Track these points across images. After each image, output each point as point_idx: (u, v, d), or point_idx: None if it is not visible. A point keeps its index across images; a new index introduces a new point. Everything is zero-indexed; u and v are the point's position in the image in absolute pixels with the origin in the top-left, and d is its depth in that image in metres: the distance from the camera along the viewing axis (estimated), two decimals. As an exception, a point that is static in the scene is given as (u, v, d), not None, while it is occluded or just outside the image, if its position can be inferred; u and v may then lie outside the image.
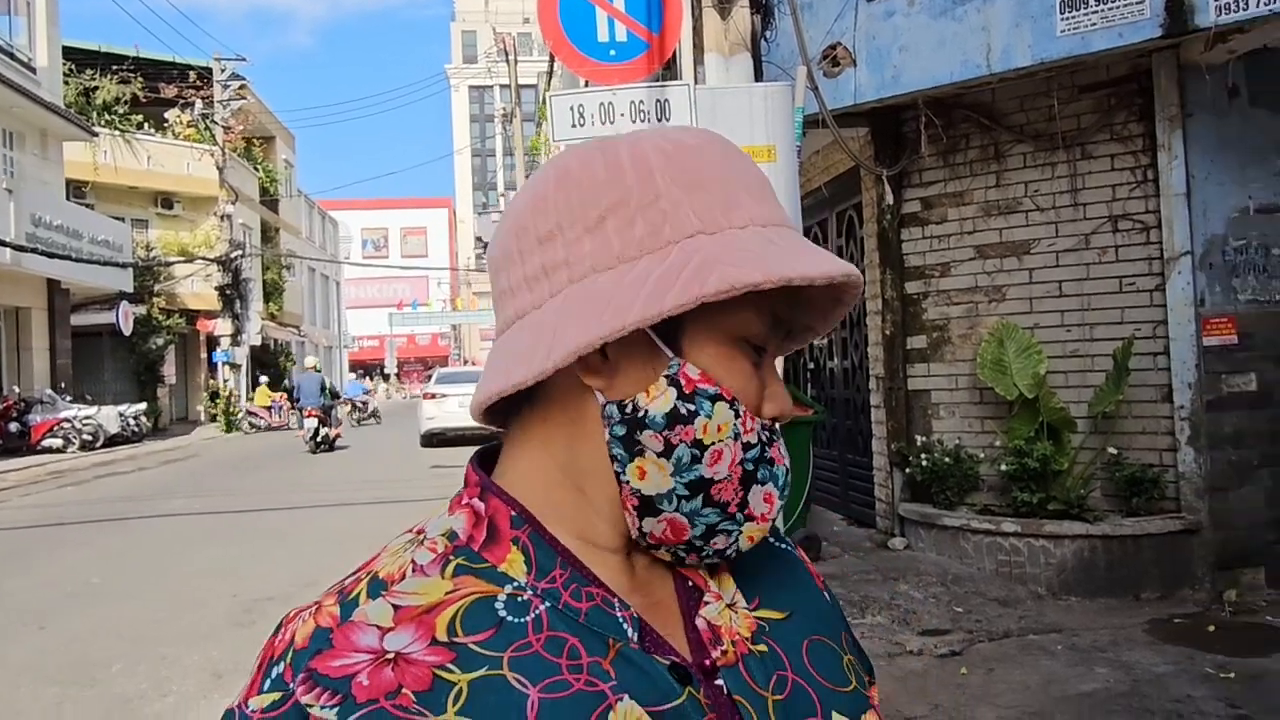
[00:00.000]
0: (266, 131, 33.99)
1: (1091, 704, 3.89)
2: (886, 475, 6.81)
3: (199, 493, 12.15)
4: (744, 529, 0.63)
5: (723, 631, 0.66)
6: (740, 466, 0.62)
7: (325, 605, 0.60)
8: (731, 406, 0.62)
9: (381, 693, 0.56)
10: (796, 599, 0.73)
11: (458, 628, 0.59)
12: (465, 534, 0.64)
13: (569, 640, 0.60)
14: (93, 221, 20.94)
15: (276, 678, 0.57)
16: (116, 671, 4.94)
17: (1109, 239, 5.82)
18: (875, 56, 5.95)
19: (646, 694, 0.59)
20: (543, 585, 0.62)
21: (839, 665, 0.71)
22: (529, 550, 0.63)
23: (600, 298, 0.60)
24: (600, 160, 0.64)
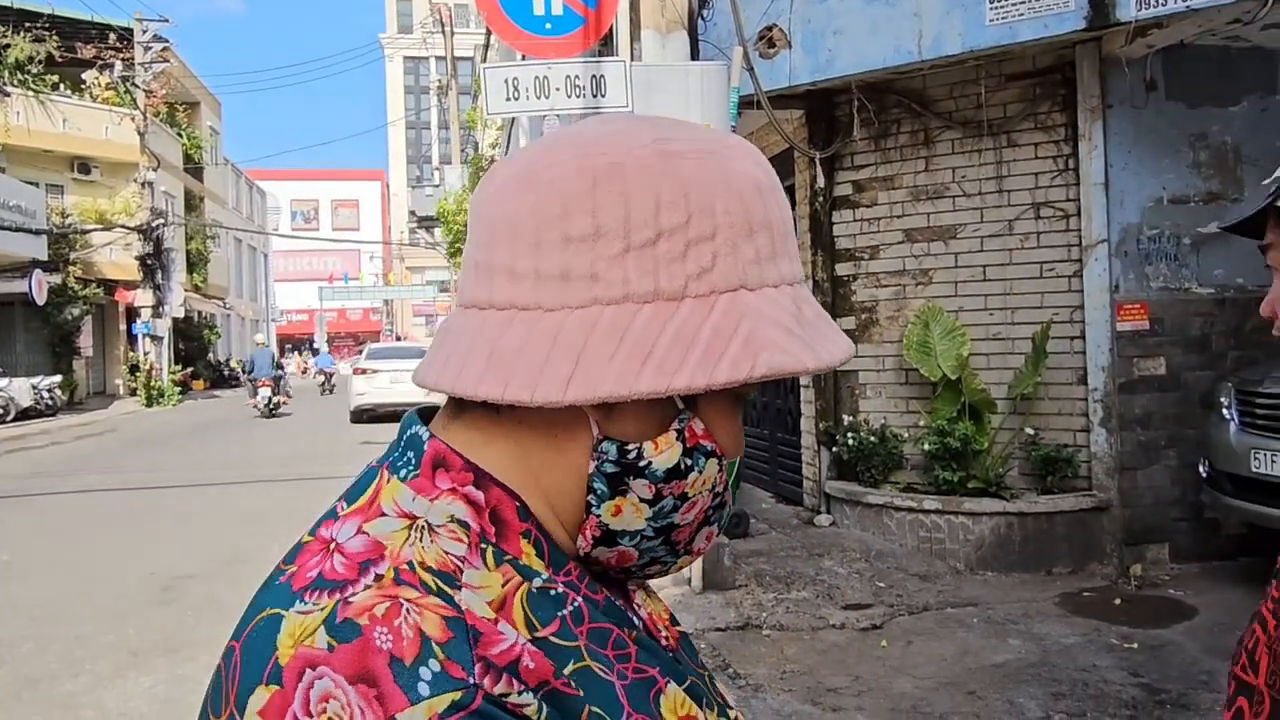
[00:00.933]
0: (191, 97, 32.87)
1: (1004, 674, 4.04)
2: (814, 454, 6.93)
3: (115, 469, 11.79)
4: (679, 561, 0.65)
5: (655, 618, 0.68)
6: (704, 514, 0.63)
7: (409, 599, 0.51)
8: (720, 463, 0.62)
9: (548, 673, 0.52)
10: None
11: (534, 621, 0.55)
12: (476, 524, 0.57)
13: (612, 630, 0.60)
14: (4, 186, 20.07)
15: (435, 678, 0.48)
16: (26, 651, 4.79)
17: (1031, 225, 5.99)
18: (810, 39, 6.00)
19: (673, 677, 0.62)
20: (561, 579, 0.59)
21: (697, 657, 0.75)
22: (541, 544, 0.59)
23: (638, 340, 0.54)
24: (661, 171, 0.56)
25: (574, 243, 0.55)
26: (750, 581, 5.33)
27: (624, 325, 0.54)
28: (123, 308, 26.48)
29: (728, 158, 0.59)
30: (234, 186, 40.01)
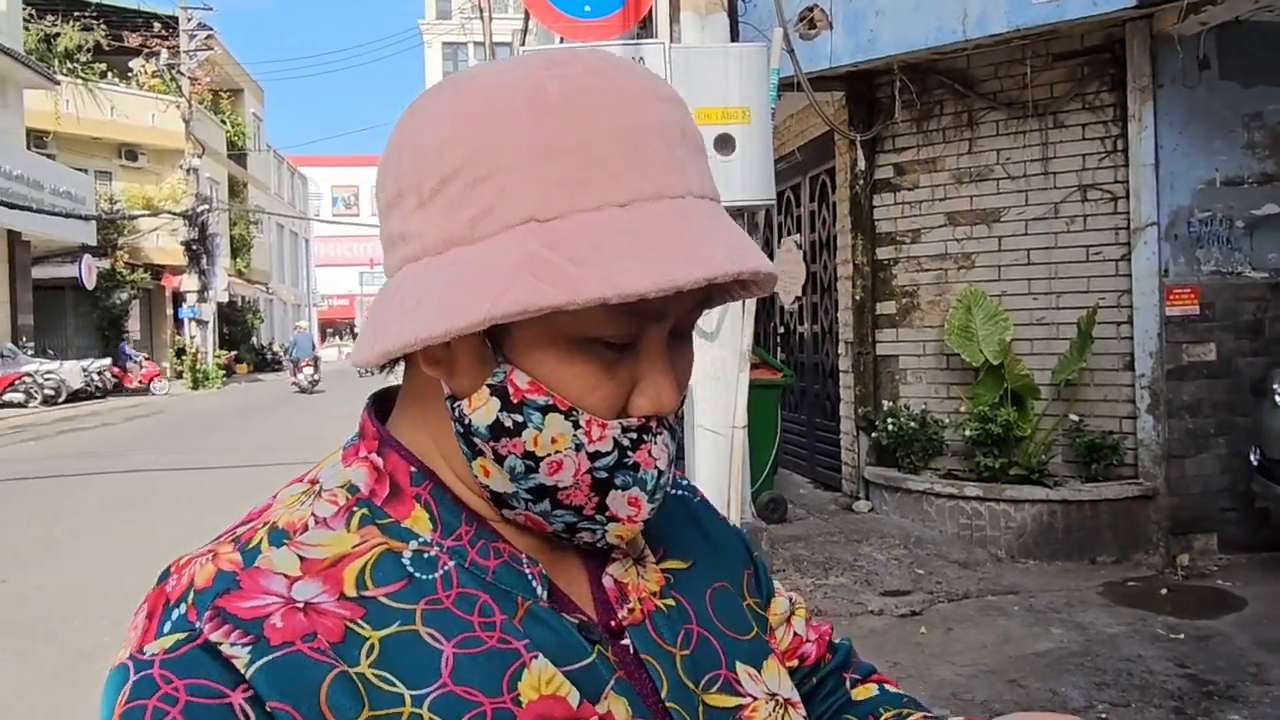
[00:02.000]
0: (234, 84, 33.30)
1: (1046, 663, 3.99)
2: (853, 439, 6.88)
3: (162, 449, 12.04)
4: (609, 529, 0.59)
5: (629, 589, 0.64)
6: (589, 475, 0.57)
7: (222, 552, 0.56)
8: (568, 417, 0.56)
9: (297, 635, 0.52)
10: (699, 545, 0.72)
11: (367, 580, 0.56)
12: (366, 488, 0.60)
13: (480, 597, 0.58)
14: (54, 172, 20.49)
15: (178, 619, 0.52)
16: (78, 625, 4.92)
17: (1077, 208, 5.87)
18: (852, 20, 5.92)
19: (558, 653, 0.58)
20: (449, 543, 0.59)
21: (740, 612, 0.70)
22: (431, 507, 0.60)
23: (423, 291, 0.54)
24: (444, 115, 0.55)
25: (390, 208, 0.58)
26: (788, 567, 5.31)
27: (420, 279, 0.55)
28: (169, 292, 26.98)
29: (520, 81, 0.54)
30: (276, 172, 40.51)
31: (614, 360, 0.57)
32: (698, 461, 5.24)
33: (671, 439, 0.60)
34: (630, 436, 0.58)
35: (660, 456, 0.59)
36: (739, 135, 4.96)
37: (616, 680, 0.59)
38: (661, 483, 0.59)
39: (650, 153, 0.54)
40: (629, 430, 0.57)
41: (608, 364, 0.57)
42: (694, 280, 0.50)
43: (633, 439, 0.58)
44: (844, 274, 6.95)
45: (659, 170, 0.54)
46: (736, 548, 0.77)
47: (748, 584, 0.74)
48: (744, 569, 0.75)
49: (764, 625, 0.72)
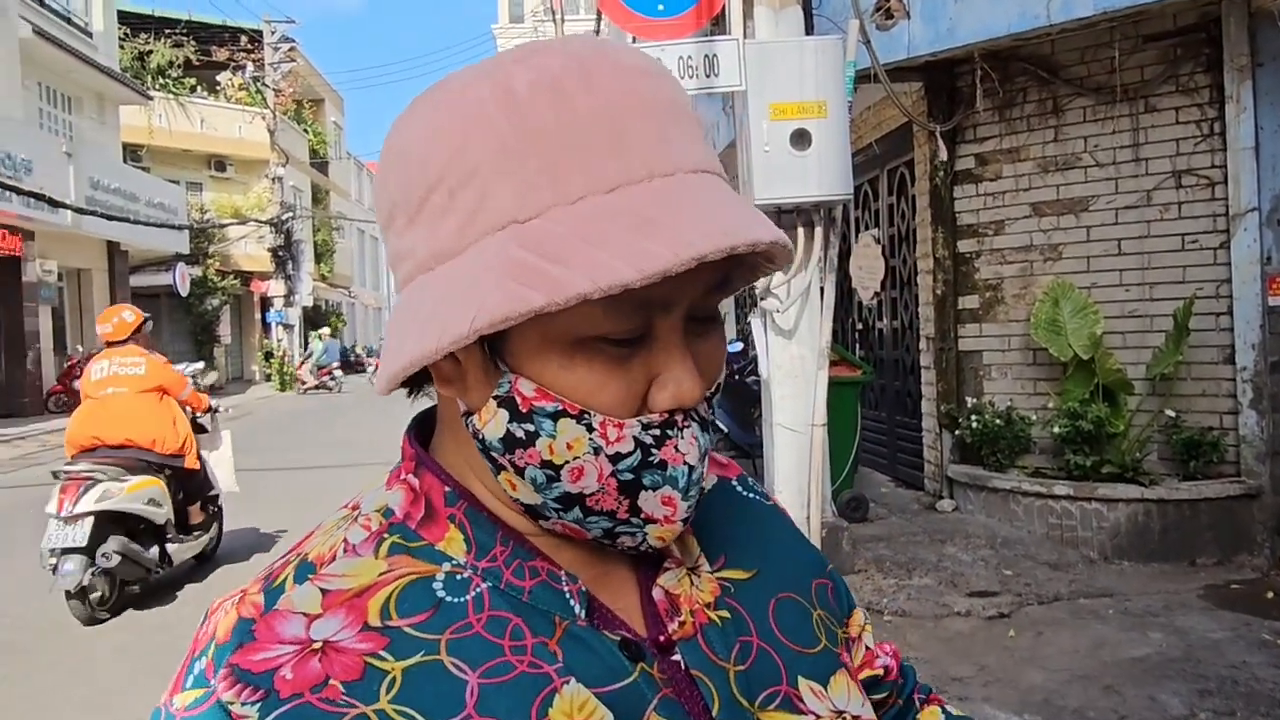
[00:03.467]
0: (316, 94, 34.26)
1: (1144, 668, 3.84)
2: (935, 437, 6.74)
3: (254, 450, 12.45)
4: (647, 531, 0.56)
5: (681, 601, 0.61)
6: (614, 478, 0.55)
7: (249, 594, 0.56)
8: (580, 421, 0.53)
9: (307, 686, 0.52)
10: (765, 553, 0.69)
11: (392, 611, 0.55)
12: (402, 511, 0.60)
13: (512, 620, 0.56)
14: (149, 184, 21.34)
15: (199, 674, 0.53)
16: (180, 618, 5.11)
17: (1171, 195, 5.64)
18: (930, 8, 5.79)
19: (595, 674, 0.55)
20: (483, 564, 0.58)
21: (807, 624, 0.66)
22: (466, 528, 0.59)
23: (419, 308, 0.53)
24: (422, 121, 0.54)
25: (386, 229, 0.57)
26: (870, 567, 5.23)
27: (419, 296, 0.54)
28: (257, 297, 27.91)
29: (489, 79, 0.53)
30: (356, 179, 41.54)
31: (623, 356, 0.54)
32: (777, 460, 5.19)
33: (703, 431, 0.57)
34: (653, 434, 0.55)
35: (689, 451, 0.56)
36: (815, 130, 4.90)
37: (661, 700, 0.57)
38: (694, 479, 0.56)
39: (634, 132, 0.51)
40: (650, 428, 0.54)
41: (616, 360, 0.54)
42: (682, 263, 0.47)
43: (656, 436, 0.55)
44: (924, 268, 6.81)
45: (644, 149, 0.51)
46: (808, 557, 0.73)
47: (818, 595, 0.70)
48: (814, 579, 0.71)
49: (835, 639, 0.69)
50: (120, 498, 5.08)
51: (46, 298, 18.10)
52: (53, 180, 15.92)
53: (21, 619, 5.18)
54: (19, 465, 11.60)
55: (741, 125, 5.22)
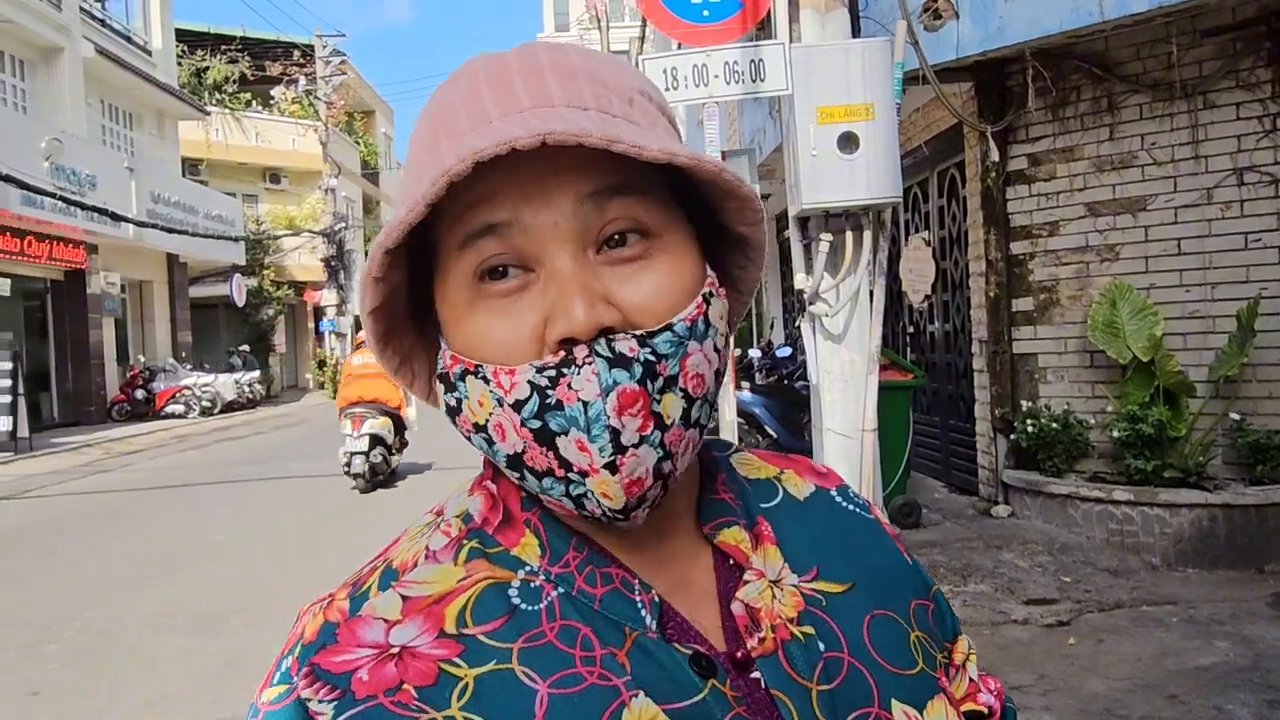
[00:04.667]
0: (366, 106, 34.83)
1: (1210, 678, 3.74)
2: (990, 441, 6.63)
3: (309, 456, 12.68)
4: (587, 485, 0.54)
5: (761, 615, 0.59)
6: (526, 430, 0.54)
7: (337, 599, 0.59)
8: (477, 374, 0.55)
9: (381, 689, 0.54)
10: (862, 568, 0.65)
11: (468, 618, 0.56)
12: (480, 516, 0.61)
13: (582, 630, 0.56)
14: (207, 197, 21.88)
15: (285, 671, 0.56)
16: (239, 624, 5.22)
17: (1233, 193, 5.50)
18: (979, 7, 5.72)
19: (663, 690, 0.54)
20: (556, 570, 0.58)
21: (904, 644, 0.63)
22: (540, 532, 0.59)
23: None
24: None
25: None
26: (924, 573, 5.16)
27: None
28: (310, 307, 28.42)
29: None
30: (406, 189, 42.07)
31: (510, 299, 0.54)
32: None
33: (612, 368, 0.52)
34: (548, 375, 0.53)
35: (584, 387, 0.52)
36: (863, 132, 4.86)
37: (733, 718, 0.55)
38: (593, 416, 0.52)
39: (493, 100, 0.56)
40: (545, 369, 0.53)
41: (503, 307, 0.54)
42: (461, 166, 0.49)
43: (551, 376, 0.53)
44: (976, 270, 6.72)
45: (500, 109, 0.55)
46: (910, 575, 0.69)
47: (917, 615, 0.66)
48: (915, 599, 0.67)
49: (933, 663, 0.65)
50: (377, 426, 9.23)
51: (110, 309, 18.64)
52: (115, 195, 16.41)
53: (92, 623, 5.33)
54: (84, 473, 11.96)
55: (788, 129, 5.20)
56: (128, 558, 6.98)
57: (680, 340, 0.55)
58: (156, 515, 8.79)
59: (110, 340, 18.84)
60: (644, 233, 0.56)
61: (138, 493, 10.18)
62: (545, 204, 0.54)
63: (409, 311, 0.62)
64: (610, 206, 0.55)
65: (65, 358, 17.87)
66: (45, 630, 5.19)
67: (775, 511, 0.66)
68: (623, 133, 0.52)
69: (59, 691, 4.32)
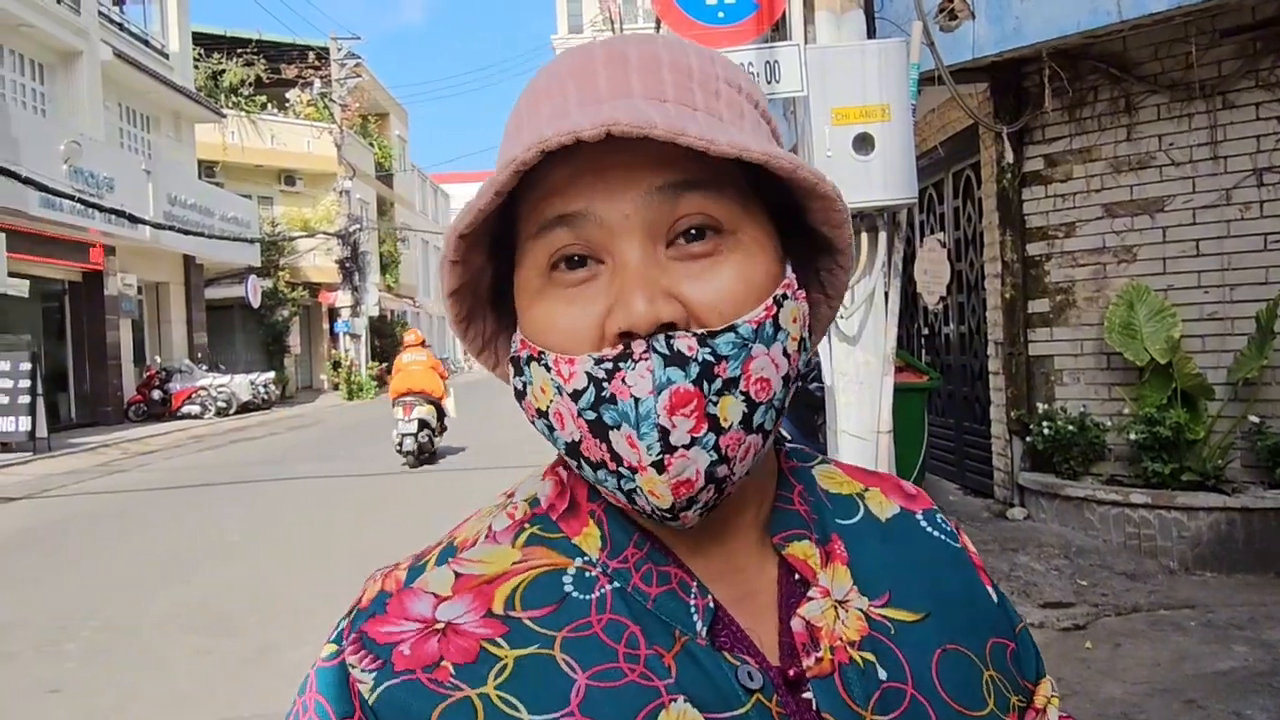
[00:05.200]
0: (381, 108, 34.97)
1: (1229, 682, 3.71)
2: (1005, 444, 6.60)
3: (323, 457, 12.72)
4: (637, 482, 0.53)
5: (822, 635, 0.57)
6: (582, 420, 0.54)
7: (399, 568, 0.60)
8: (540, 361, 0.55)
9: (420, 664, 0.55)
10: (940, 598, 0.62)
11: (516, 601, 0.56)
12: (547, 502, 0.61)
13: (630, 627, 0.55)
14: (223, 199, 22.00)
15: (339, 633, 0.58)
16: (254, 623, 5.24)
17: (1252, 194, 5.46)
18: (995, 7, 5.69)
19: (706, 699, 0.53)
20: (614, 564, 0.57)
21: (975, 682, 0.60)
22: (603, 524, 0.59)
23: None
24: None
25: None
26: (939, 576, 5.14)
27: None
28: (325, 308, 28.54)
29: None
30: (420, 191, 42.27)
31: (578, 288, 0.54)
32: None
33: (667, 365, 0.52)
34: (605, 367, 0.52)
35: (636, 383, 0.52)
36: (879, 134, 4.84)
37: None
38: (643, 413, 0.52)
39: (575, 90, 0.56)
40: (603, 361, 0.52)
41: (571, 296, 0.55)
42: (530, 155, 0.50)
43: (608, 369, 0.52)
44: (992, 272, 6.69)
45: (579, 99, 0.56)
46: (991, 612, 0.65)
47: (994, 654, 0.63)
48: (993, 637, 0.64)
49: (1006, 705, 0.61)
50: (423, 412, 11.00)
51: (127, 310, 18.77)
52: (133, 197, 16.53)
53: (109, 621, 5.36)
54: (102, 472, 12.04)
55: (803, 130, 5.19)
56: (143, 557, 7.02)
57: (744, 342, 0.54)
58: (172, 515, 8.84)
59: (127, 341, 18.97)
60: (717, 229, 0.55)
61: (154, 493, 10.24)
62: (617, 196, 0.54)
63: (491, 296, 0.63)
64: (682, 201, 0.54)
65: (83, 359, 18.01)
66: (63, 629, 5.22)
67: (852, 530, 0.64)
68: (697, 126, 0.51)
69: (77, 690, 4.35)
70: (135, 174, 17.40)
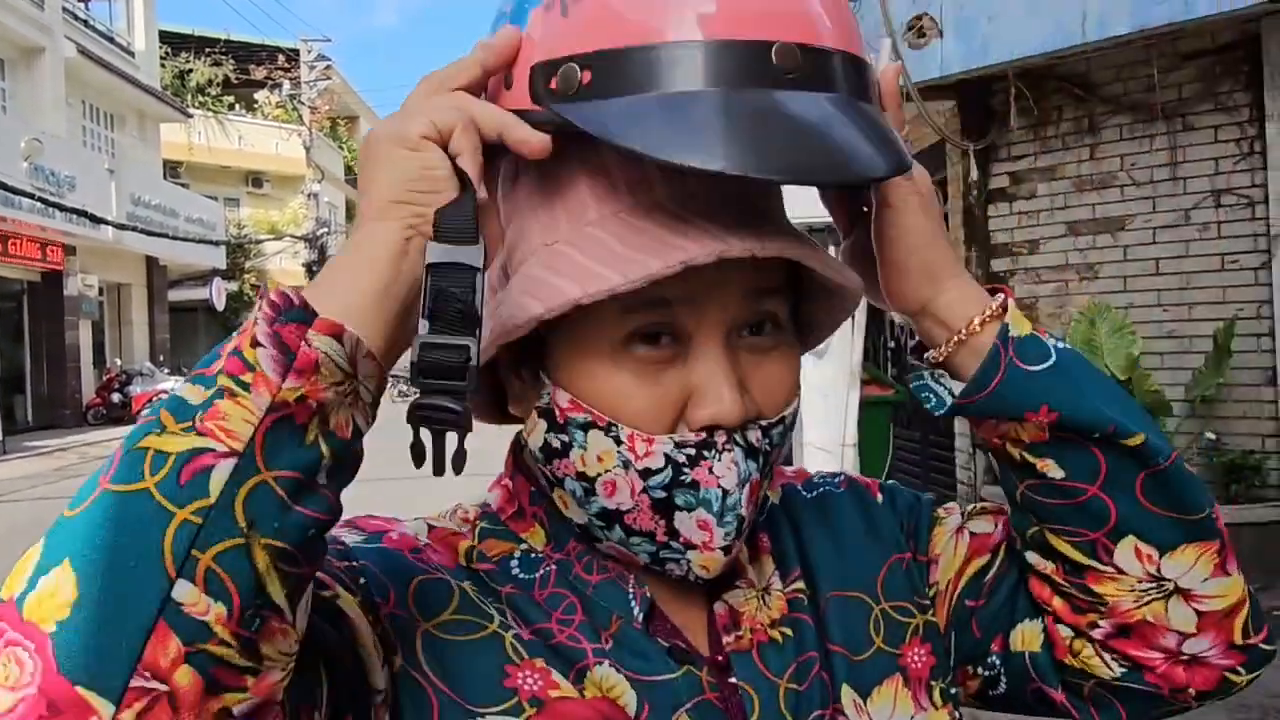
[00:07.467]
0: (351, 111, 34.73)
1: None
2: (969, 457, 6.67)
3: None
4: (690, 558, 0.56)
5: (744, 619, 0.62)
6: (646, 495, 0.55)
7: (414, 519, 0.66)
8: (608, 433, 0.54)
9: (406, 548, 0.60)
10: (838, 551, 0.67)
11: (474, 556, 0.61)
12: (496, 505, 0.65)
13: (569, 598, 0.59)
14: (188, 200, 21.74)
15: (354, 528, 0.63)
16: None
17: (1211, 214, 5.56)
18: (963, 26, 5.77)
19: (636, 666, 0.57)
20: (557, 556, 0.61)
21: (861, 623, 0.64)
22: (546, 524, 0.62)
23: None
24: None
25: None
26: (902, 589, 5.18)
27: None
28: (291, 312, 28.24)
29: None
30: (390, 195, 41.97)
31: (657, 366, 0.55)
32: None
33: (746, 458, 0.55)
34: (687, 452, 0.54)
35: (725, 475, 0.54)
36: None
37: (699, 703, 0.57)
38: (729, 504, 0.55)
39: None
40: (685, 446, 0.54)
41: (649, 372, 0.55)
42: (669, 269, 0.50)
43: (690, 455, 0.54)
44: (957, 287, 6.76)
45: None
46: (887, 527, 0.69)
47: (889, 580, 0.67)
48: (893, 554, 0.68)
49: (897, 636, 0.65)
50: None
51: (87, 312, 18.45)
52: (95, 196, 16.26)
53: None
54: (59, 477, 11.81)
55: (773, 144, 5.22)
56: (100, 565, 6.88)
57: (786, 431, 0.59)
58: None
59: (87, 343, 18.65)
60: (776, 324, 0.59)
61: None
62: (720, 290, 0.55)
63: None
64: (763, 301, 0.58)
65: (40, 360, 17.67)
66: (14, 639, 5.10)
67: (766, 523, 0.68)
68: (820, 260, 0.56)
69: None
70: (98, 173, 17.13)
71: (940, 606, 0.68)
